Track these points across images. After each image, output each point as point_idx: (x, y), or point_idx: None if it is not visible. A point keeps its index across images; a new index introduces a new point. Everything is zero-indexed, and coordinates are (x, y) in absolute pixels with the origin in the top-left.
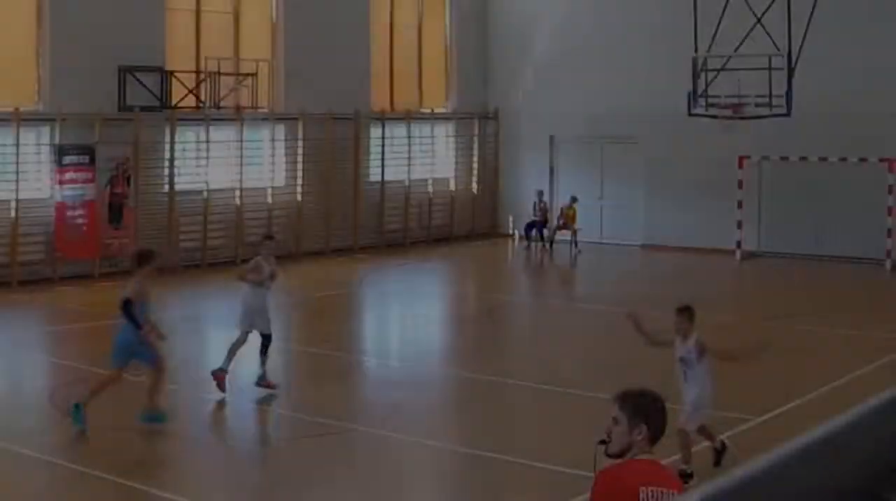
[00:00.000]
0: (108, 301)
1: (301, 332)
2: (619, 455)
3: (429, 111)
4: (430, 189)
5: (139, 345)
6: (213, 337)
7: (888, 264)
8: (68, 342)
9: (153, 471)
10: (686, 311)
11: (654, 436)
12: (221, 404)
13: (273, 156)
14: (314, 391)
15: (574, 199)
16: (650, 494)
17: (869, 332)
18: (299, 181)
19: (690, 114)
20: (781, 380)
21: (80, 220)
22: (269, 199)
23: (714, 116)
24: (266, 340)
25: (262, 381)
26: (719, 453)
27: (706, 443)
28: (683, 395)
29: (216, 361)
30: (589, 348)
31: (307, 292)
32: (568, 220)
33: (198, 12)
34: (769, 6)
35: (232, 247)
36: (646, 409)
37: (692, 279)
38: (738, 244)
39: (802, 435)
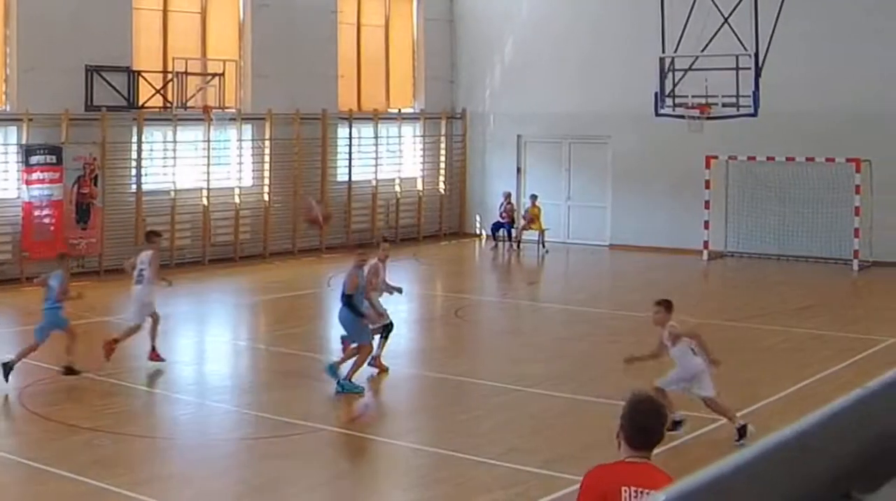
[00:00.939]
0: (75, 301)
1: (268, 333)
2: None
3: (396, 111)
4: (398, 189)
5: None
6: (181, 337)
7: (855, 264)
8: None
9: (119, 471)
10: (661, 303)
11: (633, 439)
12: (188, 404)
13: (240, 156)
14: (282, 391)
15: (534, 198)
16: (631, 494)
17: (837, 332)
18: (266, 181)
19: (658, 115)
20: (750, 380)
21: (47, 220)
22: (237, 199)
23: (681, 116)
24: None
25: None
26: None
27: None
28: None
29: (183, 360)
30: (556, 348)
31: (274, 292)
32: (533, 220)
33: (165, 12)
34: (736, 6)
35: (199, 247)
36: (626, 412)
37: (659, 279)
38: (705, 244)
39: (771, 435)
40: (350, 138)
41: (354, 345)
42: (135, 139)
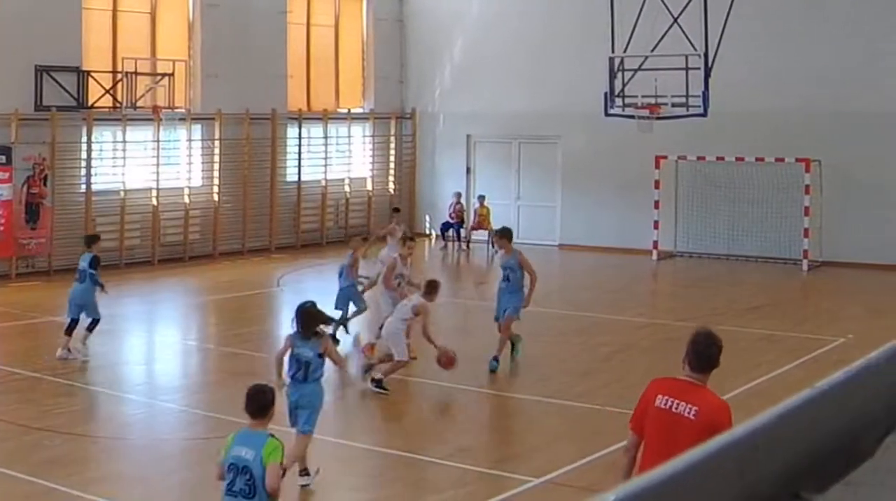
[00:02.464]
0: (25, 301)
1: (218, 333)
2: None
3: (346, 111)
4: (347, 189)
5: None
6: (131, 336)
7: (805, 264)
8: None
9: (69, 470)
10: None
11: (692, 362)
12: (138, 404)
13: (190, 156)
14: (232, 391)
15: (481, 198)
16: (665, 402)
17: (786, 332)
18: (216, 181)
19: (607, 115)
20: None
21: None
22: (186, 199)
23: (631, 116)
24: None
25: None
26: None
27: None
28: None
29: (133, 360)
30: (505, 348)
31: (224, 292)
32: (482, 220)
33: (114, 12)
34: (685, 6)
35: (148, 247)
36: (689, 341)
37: (608, 279)
38: (655, 244)
39: (722, 435)
40: (299, 138)
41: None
42: (84, 139)
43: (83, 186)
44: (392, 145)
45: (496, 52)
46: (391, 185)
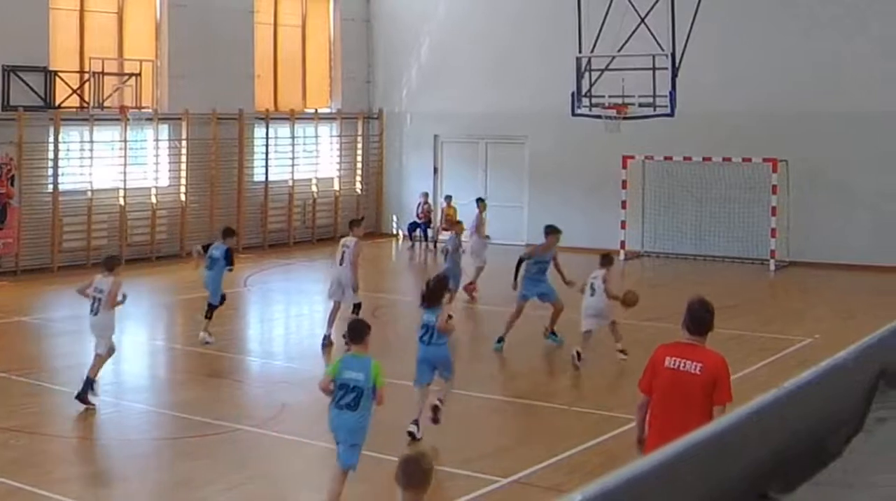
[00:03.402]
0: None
1: (185, 332)
2: None
3: (313, 111)
4: (314, 189)
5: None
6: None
7: (772, 264)
8: None
9: (36, 470)
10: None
11: (689, 326)
12: (105, 404)
13: (157, 156)
14: (199, 391)
15: (448, 198)
16: (672, 362)
17: (753, 332)
18: (183, 181)
19: (574, 115)
20: None
21: None
22: (154, 199)
23: (598, 116)
24: None
25: None
26: None
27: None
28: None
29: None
30: (474, 349)
31: (191, 292)
32: (449, 220)
33: (82, 12)
34: (653, 6)
35: (116, 247)
36: (686, 308)
37: (574, 278)
38: (622, 244)
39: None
40: (267, 138)
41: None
42: (51, 139)
43: (50, 186)
44: (359, 145)
45: (463, 52)
46: (358, 185)
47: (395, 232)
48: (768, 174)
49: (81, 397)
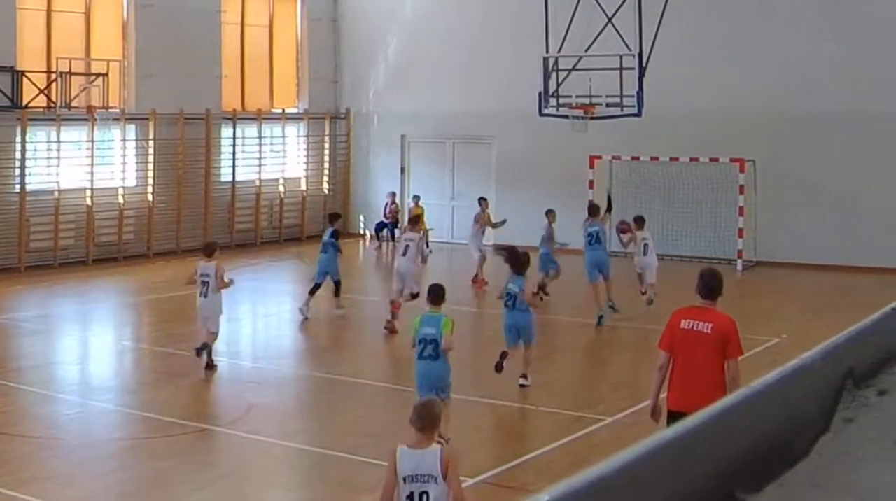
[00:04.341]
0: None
1: (153, 333)
2: None
3: (280, 111)
4: (282, 189)
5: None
6: (65, 336)
7: (739, 264)
8: None
9: (2, 470)
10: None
11: (701, 291)
12: (72, 404)
13: (124, 156)
14: (167, 391)
15: (416, 198)
16: (687, 324)
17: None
18: (150, 181)
19: (542, 115)
20: (633, 380)
21: None
22: (121, 200)
23: (565, 116)
24: None
25: None
26: None
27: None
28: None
29: (67, 360)
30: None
31: (158, 292)
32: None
33: (49, 12)
34: (620, 6)
35: (83, 247)
36: (699, 276)
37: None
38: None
39: (655, 436)
40: (234, 138)
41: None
42: (19, 139)
43: (17, 186)
44: (326, 145)
45: (430, 52)
46: (325, 185)
47: (362, 232)
48: (735, 174)
49: (208, 365)
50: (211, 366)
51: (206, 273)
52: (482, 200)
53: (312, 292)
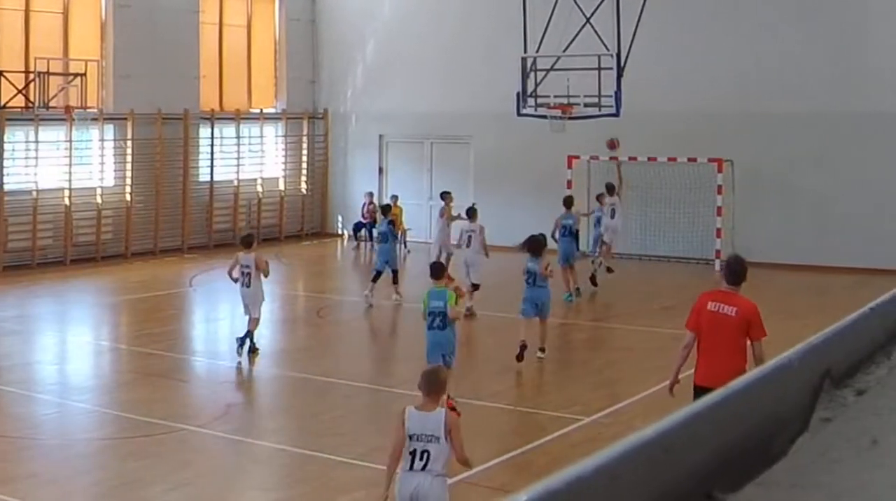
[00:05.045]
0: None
1: (130, 333)
2: None
3: (258, 111)
4: (260, 189)
5: None
6: (43, 336)
7: (717, 264)
8: None
9: None
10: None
11: (726, 276)
12: (50, 404)
13: (102, 156)
14: (144, 391)
15: (394, 198)
16: (714, 306)
17: None
18: (128, 181)
19: (520, 115)
20: (612, 380)
21: None
22: (99, 200)
23: (543, 116)
24: None
25: None
26: None
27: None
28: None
29: (45, 360)
30: (417, 348)
31: (136, 292)
32: (394, 220)
33: (27, 12)
34: (598, 6)
35: (61, 247)
36: (725, 262)
37: (519, 278)
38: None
39: (633, 435)
40: (212, 138)
41: None
42: None
43: None
44: (304, 145)
45: (408, 52)
46: (303, 185)
47: (340, 232)
48: (713, 174)
49: (251, 349)
50: (254, 350)
51: (246, 264)
52: (445, 194)
53: (374, 279)
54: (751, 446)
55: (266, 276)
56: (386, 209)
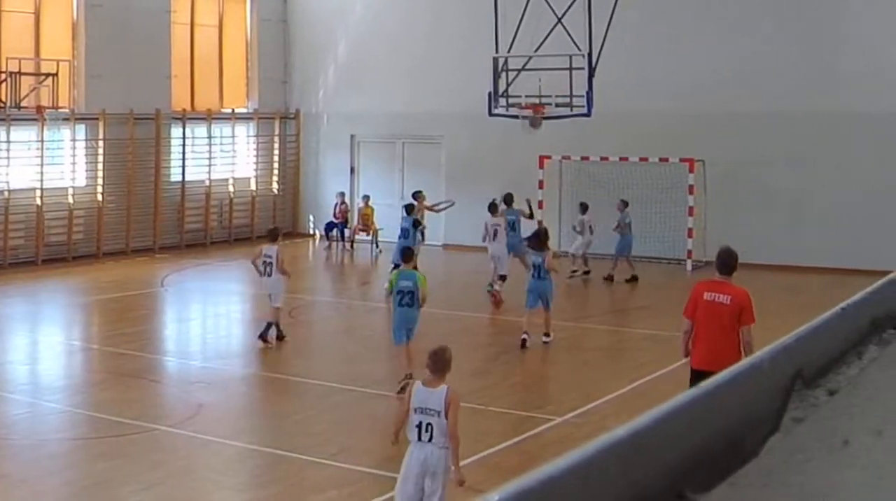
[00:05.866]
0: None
1: (102, 333)
2: None
3: (230, 111)
4: (231, 189)
5: None
6: (14, 336)
7: (689, 264)
8: None
9: None
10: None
11: (719, 267)
12: (21, 404)
13: (74, 156)
14: (116, 391)
15: (366, 198)
16: (709, 296)
17: (670, 332)
18: (100, 181)
19: (491, 115)
20: (584, 380)
21: None
22: (71, 200)
23: (515, 116)
24: None
25: None
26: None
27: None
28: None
29: (16, 360)
30: (389, 348)
31: (108, 292)
32: (366, 220)
33: None
34: (569, 7)
35: (32, 247)
36: (717, 254)
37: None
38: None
39: (606, 434)
40: (184, 138)
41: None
42: None
43: None
44: (276, 145)
45: (380, 52)
46: (275, 186)
47: (311, 232)
48: (685, 174)
49: (279, 336)
50: (281, 337)
51: (269, 254)
52: (417, 194)
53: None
54: (723, 446)
55: (284, 275)
56: (409, 208)
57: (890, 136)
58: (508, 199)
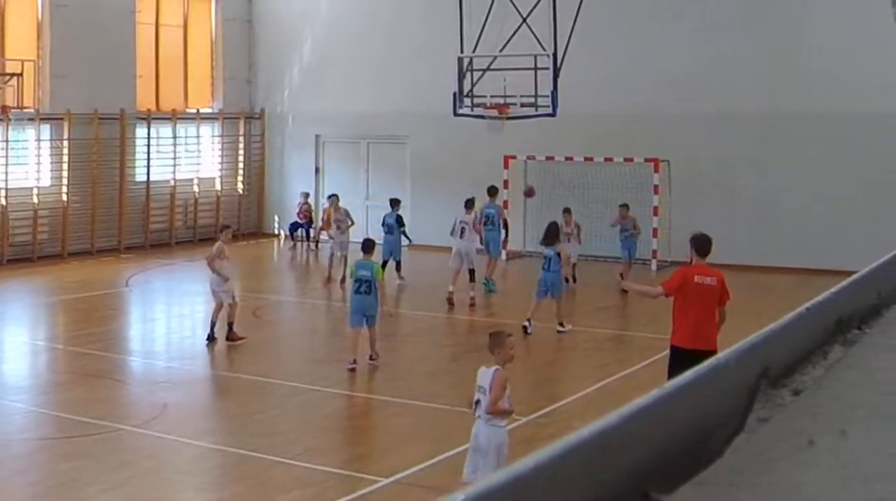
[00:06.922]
0: None
1: (67, 333)
2: None
3: (195, 111)
4: (196, 189)
5: None
6: None
7: (654, 264)
8: None
9: None
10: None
11: (698, 252)
12: None
13: (39, 156)
14: (80, 391)
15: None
16: (700, 279)
17: (635, 332)
18: (65, 181)
19: (456, 115)
20: (550, 380)
21: None
22: (35, 200)
23: (480, 117)
24: None
25: None
26: None
27: None
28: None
29: None
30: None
31: (73, 292)
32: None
33: None
34: (534, 7)
35: None
36: (692, 239)
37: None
38: (504, 244)
39: (571, 435)
40: (148, 138)
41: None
42: None
43: None
44: (241, 145)
45: (345, 52)
46: (240, 185)
47: (276, 232)
48: (650, 174)
49: (228, 337)
50: (210, 338)
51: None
52: (395, 202)
53: (383, 266)
54: (687, 446)
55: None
56: (394, 202)
57: (853, 137)
58: (492, 191)
